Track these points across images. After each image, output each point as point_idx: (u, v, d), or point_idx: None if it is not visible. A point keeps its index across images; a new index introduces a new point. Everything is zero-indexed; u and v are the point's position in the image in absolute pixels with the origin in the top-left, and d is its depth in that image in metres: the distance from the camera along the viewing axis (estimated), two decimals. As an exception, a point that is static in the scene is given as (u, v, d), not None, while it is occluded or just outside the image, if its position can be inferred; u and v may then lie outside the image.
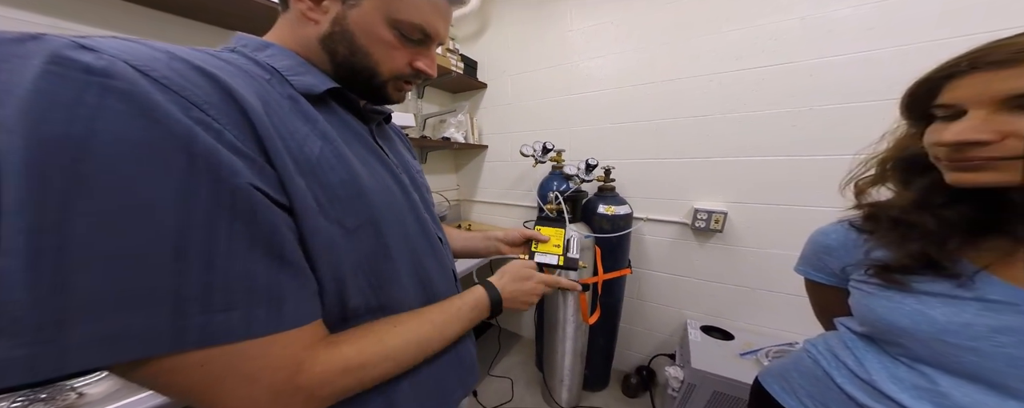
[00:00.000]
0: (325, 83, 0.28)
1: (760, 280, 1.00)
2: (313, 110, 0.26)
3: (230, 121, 0.19)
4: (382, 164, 0.32)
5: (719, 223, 1.00)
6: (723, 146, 0.99)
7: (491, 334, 1.55)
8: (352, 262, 0.26)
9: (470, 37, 1.45)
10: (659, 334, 1.24)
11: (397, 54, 0.30)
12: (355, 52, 0.28)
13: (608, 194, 1.06)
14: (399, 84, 0.32)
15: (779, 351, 0.89)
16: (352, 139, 0.30)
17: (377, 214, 0.28)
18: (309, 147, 0.24)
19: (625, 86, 1.13)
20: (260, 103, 0.22)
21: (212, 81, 0.20)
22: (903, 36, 0.75)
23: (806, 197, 0.90)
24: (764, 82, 0.91)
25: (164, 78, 0.17)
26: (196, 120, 0.18)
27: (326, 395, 0.23)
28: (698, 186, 1.05)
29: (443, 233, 0.40)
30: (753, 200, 0.97)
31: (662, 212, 1.13)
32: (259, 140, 0.20)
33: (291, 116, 0.24)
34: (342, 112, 0.31)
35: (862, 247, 0.36)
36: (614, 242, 1.03)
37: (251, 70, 0.24)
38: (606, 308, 1.09)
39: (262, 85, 0.24)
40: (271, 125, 0.21)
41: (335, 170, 0.25)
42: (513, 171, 1.44)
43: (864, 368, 0.34)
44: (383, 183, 0.30)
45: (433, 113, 1.38)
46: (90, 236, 0.15)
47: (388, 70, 0.30)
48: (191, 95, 0.18)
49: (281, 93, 0.25)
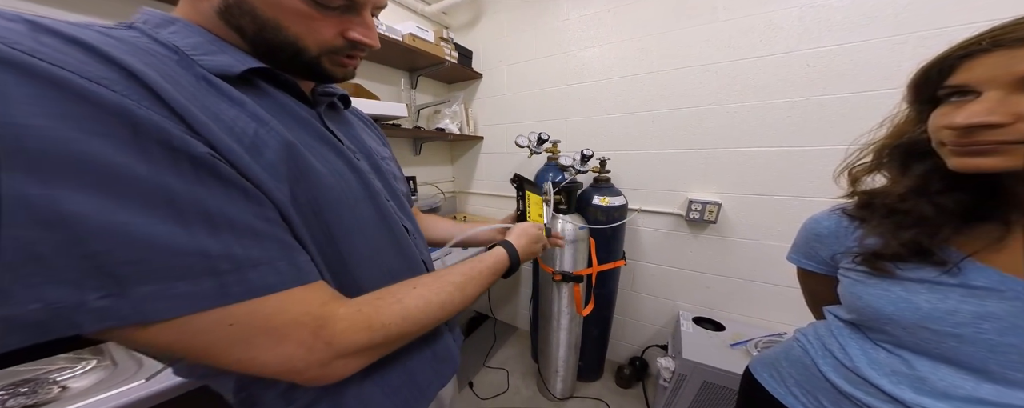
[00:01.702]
0: (244, 63, 0.24)
1: (752, 271, 1.01)
2: (237, 92, 0.23)
3: (143, 97, 0.17)
4: (333, 150, 0.29)
5: (713, 214, 1.00)
6: (718, 137, 0.99)
7: (487, 326, 1.56)
8: (302, 239, 0.25)
9: (464, 26, 1.42)
10: (652, 325, 1.25)
11: (319, 25, 0.25)
12: (264, 26, 0.24)
13: (603, 185, 1.05)
14: (337, 58, 0.28)
15: (769, 341, 0.90)
16: (294, 124, 0.27)
17: (322, 201, 0.25)
18: (241, 127, 0.21)
19: (620, 76, 1.12)
20: (167, 82, 0.19)
21: (100, 57, 0.17)
22: (903, 26, 0.74)
23: (801, 188, 0.90)
24: (760, 72, 0.90)
25: (39, 54, 0.15)
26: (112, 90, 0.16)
27: (352, 351, 0.23)
28: (693, 177, 1.05)
29: (412, 222, 0.38)
30: (747, 191, 0.98)
31: (657, 203, 1.13)
32: (180, 117, 0.18)
33: (209, 97, 0.21)
34: (279, 94, 0.27)
35: (853, 235, 0.36)
36: (608, 233, 1.03)
37: (150, 48, 0.21)
38: (600, 299, 1.09)
39: (166, 64, 0.20)
40: (188, 103, 0.19)
41: (270, 150, 0.22)
42: (509, 162, 1.43)
43: (847, 355, 0.35)
44: (333, 168, 0.28)
45: (427, 103, 1.35)
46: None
47: (314, 43, 0.26)
48: (82, 71, 0.16)
49: (193, 74, 0.22)
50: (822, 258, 0.41)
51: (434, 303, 0.29)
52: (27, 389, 0.53)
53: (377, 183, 0.33)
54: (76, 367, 0.59)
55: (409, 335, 0.27)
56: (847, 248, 0.36)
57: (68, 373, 0.58)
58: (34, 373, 0.56)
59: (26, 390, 0.53)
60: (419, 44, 1.11)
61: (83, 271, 0.15)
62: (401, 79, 1.27)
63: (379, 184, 0.34)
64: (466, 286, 0.32)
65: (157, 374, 0.47)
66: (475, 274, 0.34)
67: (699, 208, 1.01)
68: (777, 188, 0.93)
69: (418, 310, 0.27)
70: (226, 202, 0.19)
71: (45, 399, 0.53)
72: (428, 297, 0.28)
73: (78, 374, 0.59)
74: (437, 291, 0.29)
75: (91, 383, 0.57)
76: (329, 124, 0.31)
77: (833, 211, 0.40)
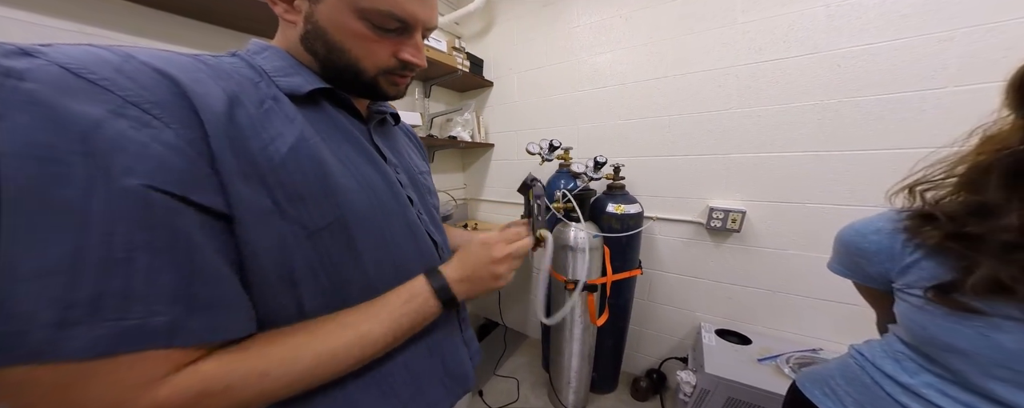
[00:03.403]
0: (312, 83, 0.28)
1: (781, 282, 0.96)
2: (294, 110, 0.26)
3: (176, 119, 0.19)
4: (372, 164, 0.31)
5: (737, 222, 0.95)
6: (741, 142, 0.95)
7: (497, 334, 1.55)
8: (310, 262, 0.25)
9: (476, 35, 1.44)
10: (671, 337, 1.20)
11: (376, 47, 0.28)
12: (332, 49, 0.28)
13: (617, 193, 1.03)
14: (391, 78, 0.31)
15: (802, 357, 0.85)
16: (342, 139, 0.30)
17: (348, 215, 0.27)
18: (275, 147, 0.23)
19: (635, 81, 1.10)
20: (227, 104, 0.22)
21: (169, 81, 0.19)
22: (945, 22, 0.69)
23: (836, 195, 0.85)
24: (785, 75, 0.87)
25: (101, 78, 0.17)
26: (122, 114, 0.17)
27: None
28: (713, 184, 1.01)
29: (441, 235, 0.39)
30: (774, 198, 0.93)
31: (674, 211, 1.09)
32: (206, 138, 0.20)
33: (266, 116, 0.24)
34: (334, 111, 0.30)
35: (911, 254, 0.32)
36: (624, 242, 1.01)
37: (240, 72, 0.25)
38: (615, 309, 1.06)
39: (245, 86, 0.24)
40: (229, 126, 0.21)
41: (303, 171, 0.24)
42: (520, 169, 1.43)
43: (909, 377, 0.32)
44: (368, 183, 0.29)
45: (440, 112, 1.38)
46: None
47: (372, 65, 0.29)
48: (129, 93, 0.18)
49: (267, 94, 0.25)
50: (869, 274, 0.37)
51: (308, 354, 0.23)
52: None
53: (412, 196, 0.35)
54: None
55: (273, 394, 0.22)
56: (903, 268, 0.32)
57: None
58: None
59: None
60: (432, 54, 1.14)
61: None
62: (415, 89, 1.30)
63: (414, 197, 0.36)
64: (364, 325, 0.26)
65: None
66: (377, 311, 0.27)
67: (721, 216, 0.97)
68: (808, 195, 0.88)
69: (284, 363, 0.22)
70: (113, 248, 0.16)
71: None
72: (303, 347, 0.23)
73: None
74: (320, 337, 0.24)
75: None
76: (376, 139, 0.34)
77: (885, 224, 0.35)
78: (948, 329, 0.29)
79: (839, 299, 0.87)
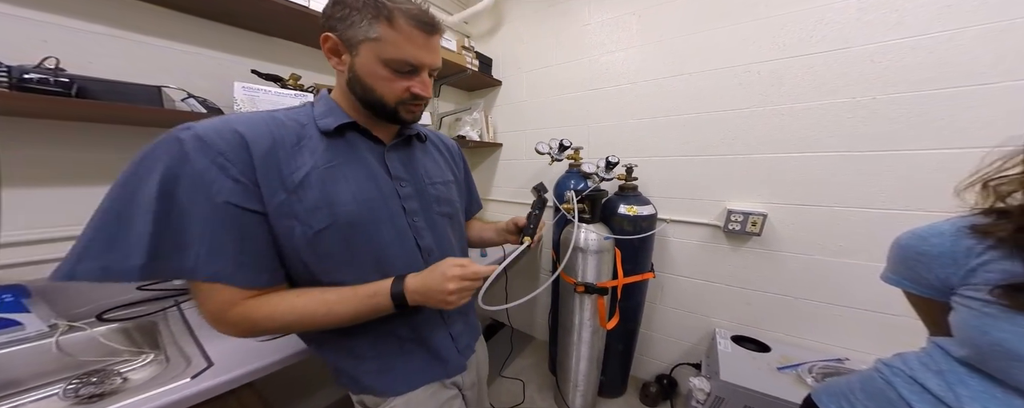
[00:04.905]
0: (339, 121, 0.40)
1: (804, 289, 0.91)
2: (321, 143, 0.39)
3: (238, 159, 0.33)
4: (373, 180, 0.41)
5: (757, 226, 0.92)
6: (763, 141, 0.91)
7: (503, 334, 1.54)
8: (317, 252, 0.38)
9: (485, 34, 1.44)
10: (683, 342, 1.17)
11: (395, 85, 0.39)
12: (366, 90, 0.39)
13: (629, 194, 1.01)
14: (407, 107, 0.41)
15: (826, 367, 0.81)
16: (353, 160, 0.41)
17: (342, 221, 0.38)
18: (297, 174, 0.36)
19: (646, 80, 1.07)
20: (270, 145, 0.35)
21: (237, 135, 0.34)
22: (1001, 11, 0.63)
23: (863, 197, 0.80)
24: (812, 71, 0.82)
25: (209, 139, 0.32)
26: (215, 162, 0.32)
27: (246, 329, 0.36)
28: (732, 186, 0.97)
29: (436, 239, 0.47)
30: (799, 201, 0.88)
31: (690, 213, 1.06)
32: (254, 170, 0.34)
33: (298, 151, 0.37)
34: (357, 139, 0.42)
35: (977, 257, 0.30)
36: (636, 244, 0.98)
37: (295, 119, 0.39)
38: (625, 313, 1.04)
39: (289, 131, 0.38)
40: (269, 160, 0.35)
41: (312, 189, 0.36)
42: (528, 169, 1.41)
43: (955, 395, 0.29)
44: (363, 197, 0.40)
45: (448, 111, 1.38)
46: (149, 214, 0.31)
47: (392, 98, 0.39)
48: (217, 146, 0.33)
49: (305, 134, 0.39)
50: (928, 281, 0.34)
51: (306, 313, 0.37)
52: (96, 379, 0.59)
53: (407, 206, 0.44)
54: (137, 360, 0.65)
55: (284, 328, 0.37)
56: (968, 273, 0.30)
57: (130, 365, 0.64)
58: (103, 364, 0.62)
59: (96, 380, 0.59)
60: (442, 54, 1.13)
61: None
62: (424, 89, 1.30)
63: (413, 206, 0.45)
64: (336, 305, 0.38)
65: (202, 373, 0.50)
66: (348, 294, 0.38)
67: (740, 219, 0.93)
68: (836, 198, 0.83)
69: (282, 314, 0.36)
70: (218, 230, 0.33)
71: (110, 389, 0.58)
72: (306, 305, 0.37)
73: (138, 367, 0.64)
74: (313, 302, 0.37)
75: (148, 376, 0.62)
76: (389, 159, 0.44)
77: (948, 227, 0.33)
78: (1016, 333, 0.27)
79: (870, 307, 0.82)
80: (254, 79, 0.77)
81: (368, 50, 0.36)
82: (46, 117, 0.60)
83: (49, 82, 0.49)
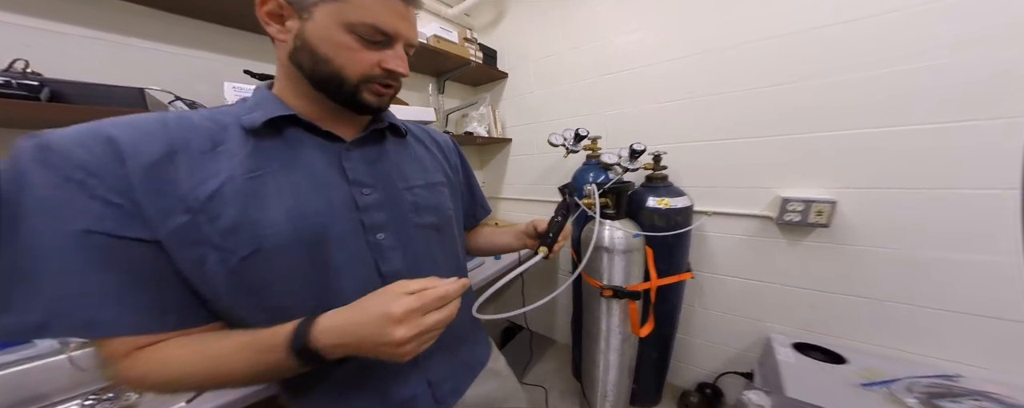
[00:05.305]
0: (269, 114, 0.30)
1: (889, 289, 0.76)
2: (241, 147, 0.29)
3: (107, 173, 0.24)
4: (318, 189, 0.32)
5: (824, 215, 0.77)
6: (827, 119, 0.77)
7: (522, 339, 1.46)
8: (244, 287, 0.28)
9: (487, 26, 1.37)
10: (728, 348, 1.04)
11: (360, 56, 0.30)
12: (317, 61, 0.30)
13: (659, 184, 0.90)
14: (374, 87, 0.32)
15: (933, 385, 0.65)
16: (291, 165, 0.31)
17: (272, 245, 0.28)
18: (205, 187, 0.27)
19: (669, 59, 0.96)
20: (163, 153, 0.26)
21: (108, 143, 0.25)
22: None
23: (967, 178, 0.65)
24: (896, 30, 0.67)
25: (61, 149, 0.24)
26: (70, 178, 0.24)
27: (145, 387, 0.27)
28: (786, 170, 0.84)
29: (410, 262, 0.36)
30: (882, 184, 0.73)
31: (732, 204, 0.92)
32: (131, 187, 0.25)
33: (208, 159, 0.28)
34: (298, 137, 0.32)
35: None
36: (670, 241, 0.87)
37: (217, 119, 0.30)
38: (660, 317, 0.93)
39: (198, 133, 0.29)
40: (159, 173, 0.26)
41: (228, 206, 0.27)
42: (541, 164, 1.33)
43: None
44: (307, 210, 0.30)
45: (454, 108, 1.32)
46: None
47: (355, 73, 0.30)
48: (74, 157, 0.24)
49: (222, 136, 0.29)
50: None
51: (174, 368, 0.27)
52: (112, 394, 0.57)
53: (373, 219, 0.34)
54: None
55: (167, 386, 0.28)
56: None
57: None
58: (114, 383, 0.61)
59: (111, 395, 0.57)
60: (444, 46, 1.08)
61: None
62: (429, 85, 1.24)
63: (379, 219, 0.34)
64: (226, 361, 0.27)
65: (195, 398, 0.47)
66: (245, 346, 0.27)
67: (800, 208, 0.79)
68: (930, 179, 0.68)
69: (159, 370, 0.27)
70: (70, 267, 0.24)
71: (125, 405, 0.56)
72: (172, 358, 0.27)
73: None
74: (187, 356, 0.27)
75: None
76: (348, 159, 0.34)
77: None
78: None
79: (983, 311, 0.66)
80: (247, 79, 0.73)
81: (326, 12, 0.28)
82: (10, 125, 0.54)
83: (12, 85, 0.44)
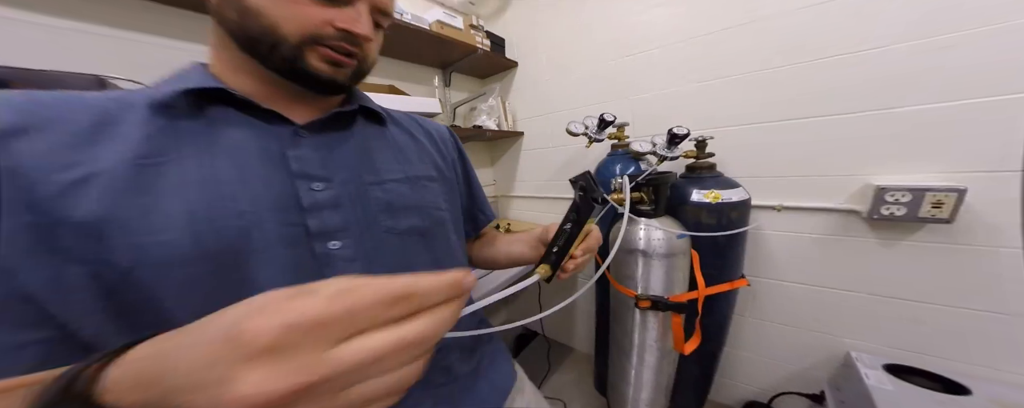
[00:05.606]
0: (187, 85, 0.24)
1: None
2: (139, 128, 0.23)
3: None
4: (243, 182, 0.24)
5: (944, 208, 0.60)
6: (934, 88, 0.61)
7: (538, 347, 1.34)
8: (124, 312, 0.21)
9: (493, 14, 1.28)
10: (788, 365, 0.89)
11: (304, 9, 0.24)
12: (244, 13, 0.24)
13: (705, 175, 0.77)
14: (323, 52, 0.25)
15: None
16: (207, 151, 0.24)
17: (156, 260, 0.21)
18: (66, 175, 0.20)
19: (707, 32, 0.83)
20: (9, 130, 0.20)
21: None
22: None
23: None
24: None
25: None
26: None
27: None
28: (877, 153, 0.68)
29: (363, 270, 0.28)
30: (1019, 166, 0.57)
31: (801, 196, 0.78)
32: None
33: (84, 140, 0.21)
34: (224, 117, 0.26)
35: None
36: (721, 242, 0.73)
37: (120, 98, 0.24)
38: (706, 331, 0.80)
39: (79, 110, 0.22)
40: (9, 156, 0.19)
41: (95, 202, 0.20)
42: (557, 157, 1.21)
43: None
44: (219, 212, 0.23)
45: (461, 100, 1.22)
46: None
47: (295, 31, 0.24)
48: None
49: (116, 116, 0.23)
50: None
51: None
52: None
53: (323, 222, 0.27)
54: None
55: None
56: None
57: None
58: None
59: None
60: (448, 32, 0.99)
61: None
62: (435, 77, 1.16)
63: (333, 222, 0.27)
64: None
65: None
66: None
67: (904, 199, 0.63)
68: None
69: None
70: None
71: None
72: None
73: None
74: None
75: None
76: (296, 146, 0.27)
77: None
78: None
79: None
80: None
81: None
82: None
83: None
